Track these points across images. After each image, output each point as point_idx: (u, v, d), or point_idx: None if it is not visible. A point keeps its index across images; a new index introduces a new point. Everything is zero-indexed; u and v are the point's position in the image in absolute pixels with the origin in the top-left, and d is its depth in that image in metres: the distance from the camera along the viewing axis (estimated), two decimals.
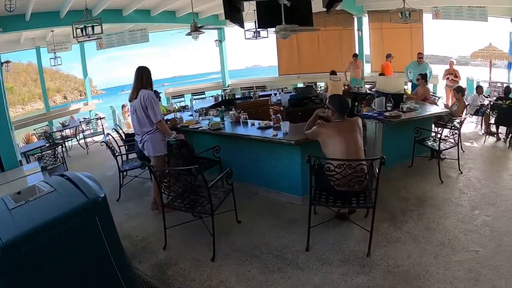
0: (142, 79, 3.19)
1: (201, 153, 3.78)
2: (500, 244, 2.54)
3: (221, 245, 2.77)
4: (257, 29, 7.87)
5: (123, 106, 8.58)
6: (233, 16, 4.94)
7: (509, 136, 5.05)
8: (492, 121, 5.35)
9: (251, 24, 7.73)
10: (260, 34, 8.20)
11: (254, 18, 6.48)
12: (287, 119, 5.06)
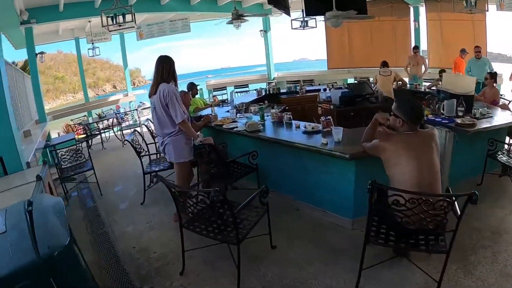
0: (163, 70, 2.74)
1: (236, 158, 3.29)
2: None
3: (249, 276, 2.29)
4: (304, 18, 7.30)
5: None
6: (277, 1, 4.41)
7: None
8: None
9: (298, 14, 7.22)
10: (308, 24, 7.52)
11: (301, 6, 5.90)
12: (338, 119, 4.40)
